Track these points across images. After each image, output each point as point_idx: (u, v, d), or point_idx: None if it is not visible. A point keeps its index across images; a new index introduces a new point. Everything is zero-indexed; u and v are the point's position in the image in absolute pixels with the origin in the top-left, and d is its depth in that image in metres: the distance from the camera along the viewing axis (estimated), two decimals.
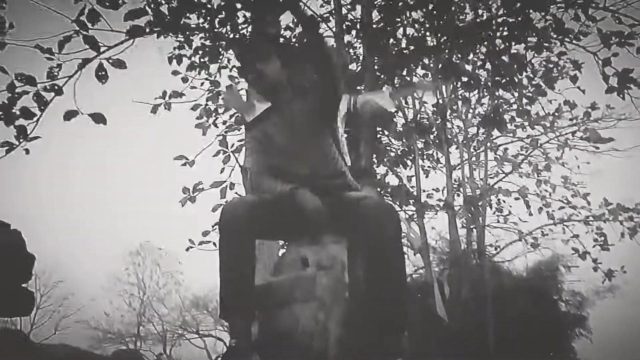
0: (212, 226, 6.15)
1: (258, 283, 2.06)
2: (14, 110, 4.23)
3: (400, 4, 7.02)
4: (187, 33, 6.11)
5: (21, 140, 4.30)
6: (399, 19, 7.22)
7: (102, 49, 4.19)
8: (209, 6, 5.72)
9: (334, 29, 7.10)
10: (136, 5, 4.15)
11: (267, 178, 2.19)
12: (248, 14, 5.67)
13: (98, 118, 4.15)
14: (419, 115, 11.18)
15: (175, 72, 6.27)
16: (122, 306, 24.98)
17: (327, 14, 7.71)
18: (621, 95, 5.57)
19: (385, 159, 8.57)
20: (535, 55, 8.55)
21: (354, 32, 7.54)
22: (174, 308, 25.23)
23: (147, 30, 4.44)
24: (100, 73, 4.24)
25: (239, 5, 5.69)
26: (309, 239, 2.06)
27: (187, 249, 6.52)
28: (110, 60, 4.19)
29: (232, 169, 6.06)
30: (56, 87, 4.28)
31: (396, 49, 7.77)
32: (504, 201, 12.44)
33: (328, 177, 2.14)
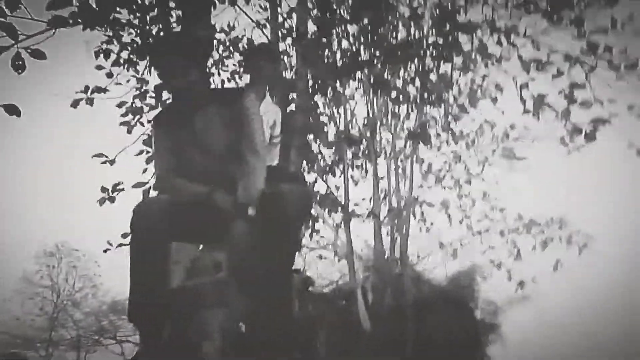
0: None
1: (172, 286, 2.01)
2: None
3: (336, 16, 7.14)
4: (117, 28, 5.90)
5: None
6: (334, 31, 7.33)
7: (20, 38, 3.95)
8: (140, 2, 5.56)
9: (269, 36, 7.11)
10: None
11: (176, 178, 2.09)
12: (180, 13, 5.56)
13: (11, 109, 3.90)
14: (349, 126, 11.39)
15: (99, 67, 6.02)
16: (33, 310, 23.54)
17: (264, 21, 7.71)
18: (536, 117, 5.95)
19: (315, 167, 8.65)
20: (462, 74, 9.00)
21: (289, 40, 7.59)
22: (90, 312, 24.06)
23: (71, 21, 4.24)
24: (17, 62, 3.99)
25: (172, 4, 5.58)
26: (223, 242, 2.02)
27: (105, 251, 6.25)
28: (29, 50, 3.96)
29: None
30: None
31: (330, 60, 7.90)
32: (428, 212, 12.94)
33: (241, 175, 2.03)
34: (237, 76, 7.69)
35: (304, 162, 7.26)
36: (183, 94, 2.13)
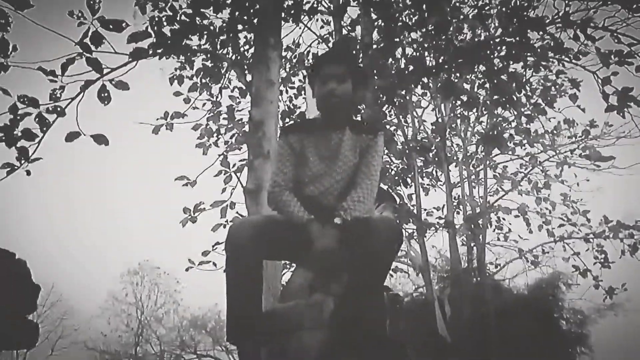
0: (212, 246, 6.12)
1: (264, 306, 2.02)
2: (15, 132, 4.23)
3: (399, 24, 7.08)
4: (189, 54, 6.15)
5: (22, 161, 4.29)
6: (398, 40, 7.27)
7: (104, 71, 4.20)
8: (211, 28, 5.76)
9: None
10: (138, 28, 4.18)
11: (286, 194, 2.09)
12: (249, 35, 5.72)
13: (100, 139, 4.15)
14: (418, 134, 11.23)
15: (177, 93, 6.29)
16: (119, 326, 24.75)
17: (327, 35, 7.79)
18: (621, 114, 5.59)
19: (385, 178, 8.56)
20: (534, 74, 8.65)
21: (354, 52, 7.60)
22: (172, 328, 25.01)
23: (150, 52, 4.46)
24: (102, 94, 4.25)
25: (240, 27, 5.75)
26: (317, 264, 2.01)
27: (187, 269, 6.47)
28: (113, 82, 4.20)
29: (233, 189, 6.05)
30: (58, 109, 4.29)
31: (396, 67, 7.83)
32: (504, 219, 12.45)
33: (348, 208, 2.02)
34: (303, 92, 7.80)
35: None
36: (332, 112, 2.17)
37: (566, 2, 6.23)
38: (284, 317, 2.05)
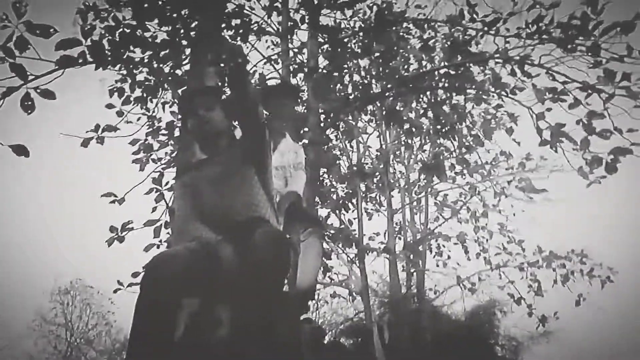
0: (142, 267, 5.83)
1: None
2: None
3: (347, 50, 7.14)
4: (131, 67, 5.93)
5: None
6: (345, 66, 7.32)
7: (29, 78, 3.94)
8: (152, 41, 5.59)
9: (280, 71, 7.11)
10: (69, 35, 3.95)
11: (192, 222, 2.10)
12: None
13: (19, 150, 3.87)
14: (362, 159, 11.32)
15: (110, 105, 6.03)
16: (47, 348, 23.35)
17: (275, 56, 7.74)
18: (554, 148, 5.78)
19: (327, 202, 8.52)
20: (475, 106, 8.91)
21: (300, 76, 7.58)
22: (103, 351, 23.80)
23: (80, 61, 4.23)
24: (26, 103, 3.98)
25: (184, 42, 5.60)
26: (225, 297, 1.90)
27: (115, 291, 6.15)
28: (38, 90, 3.95)
29: (166, 208, 5.81)
30: None
31: (342, 93, 7.87)
32: (444, 246, 12.67)
33: (249, 223, 2.02)
34: None
35: (316, 197, 7.15)
36: (210, 142, 2.21)
37: (505, 39, 6.47)
38: (191, 352, 1.89)
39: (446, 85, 6.98)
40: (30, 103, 3.93)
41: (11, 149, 3.82)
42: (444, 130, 7.82)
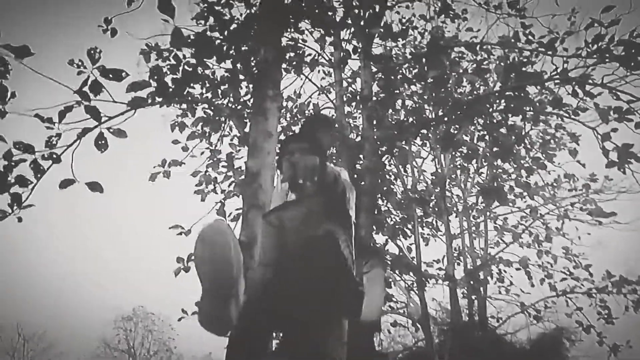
0: None
1: None
2: (9, 178, 4.18)
3: (399, 77, 7.17)
4: (190, 101, 6.19)
5: (14, 207, 4.22)
6: (397, 92, 7.35)
7: (102, 119, 4.20)
8: (212, 77, 5.82)
9: (334, 101, 7.23)
10: (142, 76, 4.20)
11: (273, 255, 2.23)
12: (250, 85, 5.76)
13: (94, 186, 4.10)
14: (417, 184, 11.20)
15: (175, 141, 6.29)
16: None
17: (328, 86, 7.88)
18: (622, 170, 5.56)
19: (385, 228, 8.47)
20: (533, 127, 8.69)
21: (354, 104, 7.67)
22: None
23: (149, 101, 4.47)
24: (100, 142, 4.23)
25: (242, 77, 5.80)
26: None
27: (180, 319, 6.32)
28: (111, 130, 4.19)
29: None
30: (54, 156, 4.26)
31: (396, 119, 7.88)
32: (505, 271, 12.24)
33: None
34: None
35: (373, 225, 7.12)
36: (298, 184, 2.29)
37: (564, 59, 6.32)
38: None
39: (502, 107, 6.87)
40: (103, 142, 4.17)
41: (87, 186, 4.06)
42: (501, 152, 7.66)
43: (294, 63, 6.63)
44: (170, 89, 5.12)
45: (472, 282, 11.61)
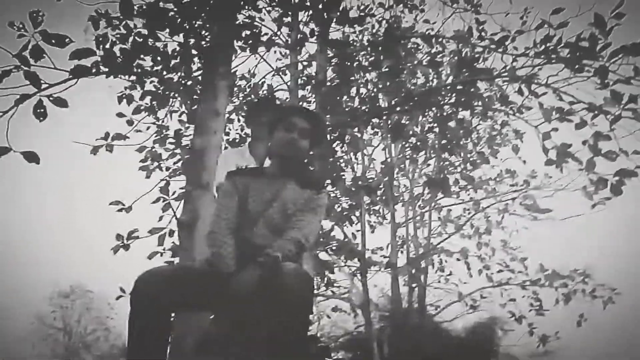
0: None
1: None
2: None
3: (355, 64, 7.18)
4: (140, 75, 5.97)
5: None
6: (352, 79, 7.37)
7: (43, 86, 3.99)
8: (163, 50, 5.63)
9: (288, 83, 7.17)
10: (89, 44, 4.01)
11: (225, 236, 2.03)
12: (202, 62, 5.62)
13: (31, 157, 3.90)
14: (367, 172, 11.33)
15: (120, 114, 6.07)
16: (44, 352, 23.29)
17: (284, 67, 7.80)
18: (559, 168, 5.79)
19: (331, 214, 8.53)
20: (481, 122, 8.94)
21: (308, 88, 7.63)
22: (101, 356, 23.72)
23: (93, 70, 4.28)
24: (38, 110, 4.02)
25: (194, 52, 5.65)
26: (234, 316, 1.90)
27: (118, 298, 6.16)
28: (51, 98, 3.99)
29: (172, 217, 5.83)
30: None
31: (349, 106, 7.91)
32: (446, 261, 12.65)
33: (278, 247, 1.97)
34: None
35: None
36: (285, 163, 2.20)
37: (513, 57, 6.50)
38: None
39: (452, 100, 7.01)
40: (42, 110, 3.97)
41: (22, 156, 3.86)
42: (449, 145, 7.83)
43: (250, 42, 6.51)
44: (119, 60, 4.92)
45: (413, 271, 11.91)
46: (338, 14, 6.18)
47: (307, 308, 1.81)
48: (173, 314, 1.92)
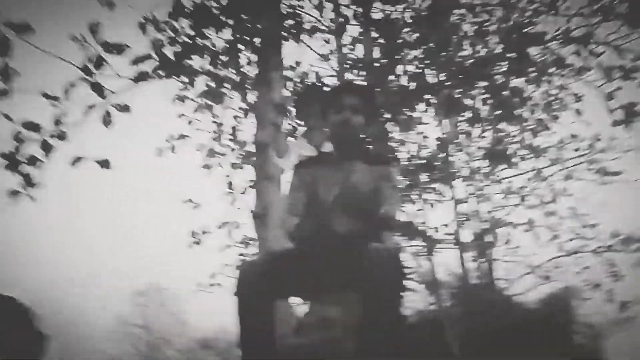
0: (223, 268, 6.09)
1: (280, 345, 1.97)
2: (18, 158, 4.24)
3: (400, 42, 7.11)
4: (191, 75, 6.17)
5: (26, 187, 4.29)
6: (399, 57, 7.30)
7: (106, 94, 4.23)
8: (212, 48, 5.79)
9: (335, 68, 7.20)
10: (140, 49, 4.21)
11: (300, 221, 2.10)
12: (252, 56, 5.74)
13: (103, 163, 4.16)
14: (421, 150, 11.19)
15: (181, 115, 6.32)
16: (127, 349, 24.53)
17: (329, 53, 7.83)
18: (627, 128, 5.57)
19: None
20: (536, 88, 8.63)
21: (355, 71, 7.63)
22: (181, 350, 24.75)
23: (154, 75, 4.49)
24: (106, 118, 4.26)
25: (241, 47, 5.77)
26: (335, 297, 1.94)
27: (195, 292, 6.46)
28: (117, 106, 4.22)
29: (238, 211, 6.04)
30: (61, 133, 4.30)
31: (397, 85, 7.85)
32: (512, 234, 12.33)
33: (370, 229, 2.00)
34: None
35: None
36: (344, 144, 2.19)
37: (567, 18, 6.24)
38: (302, 353, 1.98)
39: (504, 69, 6.83)
40: (109, 118, 4.22)
41: (97, 163, 4.12)
42: (504, 115, 7.64)
43: (293, 31, 6.58)
44: (172, 62, 5.12)
45: (480, 246, 11.73)
46: None
47: (402, 287, 1.81)
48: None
